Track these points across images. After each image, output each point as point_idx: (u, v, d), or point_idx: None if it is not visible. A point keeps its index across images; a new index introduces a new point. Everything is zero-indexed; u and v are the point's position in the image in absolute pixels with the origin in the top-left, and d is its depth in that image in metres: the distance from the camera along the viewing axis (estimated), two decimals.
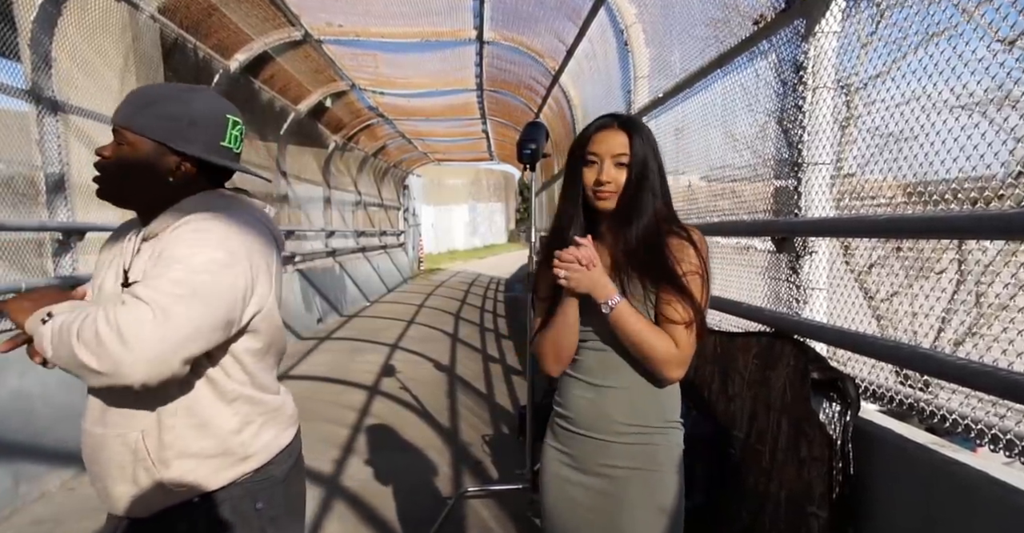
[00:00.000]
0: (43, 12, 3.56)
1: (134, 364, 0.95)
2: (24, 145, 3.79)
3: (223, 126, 1.17)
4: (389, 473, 3.46)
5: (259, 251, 1.14)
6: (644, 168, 1.24)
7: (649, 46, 3.76)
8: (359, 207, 12.98)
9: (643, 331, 1.21)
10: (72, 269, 3.91)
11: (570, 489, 1.32)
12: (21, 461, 3.12)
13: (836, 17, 1.82)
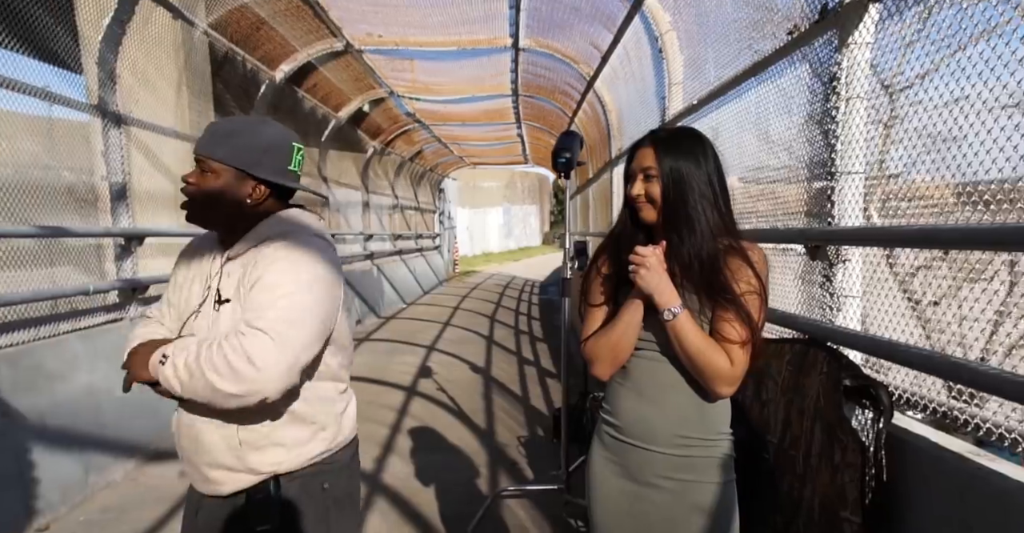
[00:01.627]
0: (110, 32, 3.79)
1: (267, 382, 1.14)
2: (86, 154, 4.03)
3: (289, 152, 1.33)
4: (428, 472, 3.56)
5: (333, 268, 1.30)
6: (678, 179, 1.26)
7: (684, 53, 3.78)
8: (396, 210, 13.23)
9: (702, 344, 1.23)
10: (133, 272, 4.14)
11: (620, 498, 1.35)
12: (90, 452, 3.33)
13: (870, 29, 1.84)
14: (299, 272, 1.22)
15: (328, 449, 1.33)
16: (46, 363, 3.25)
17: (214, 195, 1.28)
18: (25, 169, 3.52)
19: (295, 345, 1.17)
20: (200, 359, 1.15)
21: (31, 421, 3.01)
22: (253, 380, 1.13)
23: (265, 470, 1.27)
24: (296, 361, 1.18)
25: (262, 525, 1.26)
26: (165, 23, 4.46)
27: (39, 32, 3.57)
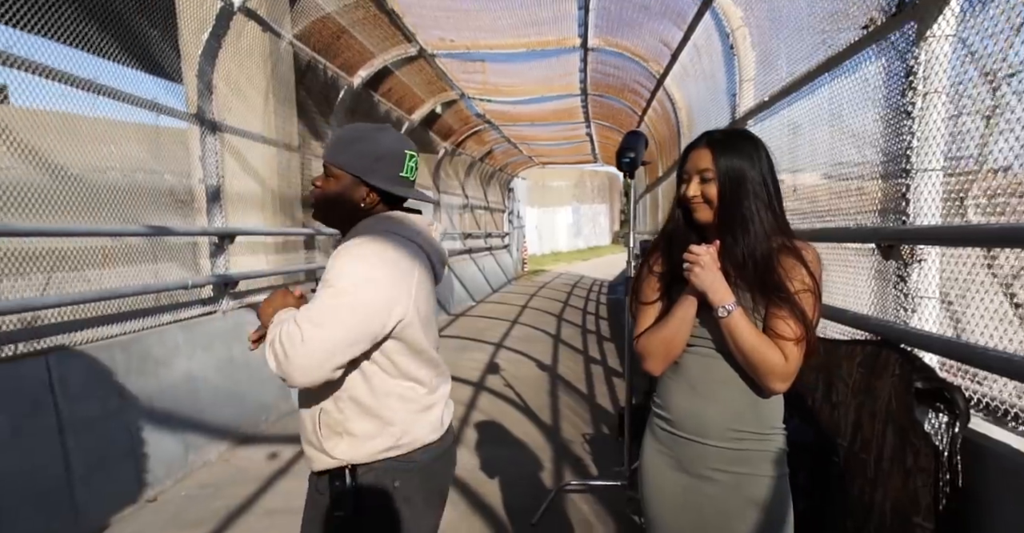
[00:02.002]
0: (208, 46, 4.11)
1: (291, 373, 1.25)
2: (183, 158, 4.39)
3: (402, 160, 1.42)
4: (494, 464, 3.67)
5: (404, 268, 1.34)
6: (735, 180, 1.29)
7: (756, 49, 3.71)
8: (466, 210, 13.50)
9: (756, 341, 1.25)
10: (225, 268, 4.47)
11: (674, 490, 1.38)
12: (190, 433, 3.64)
13: (950, 21, 1.78)
14: (361, 269, 1.28)
15: (397, 446, 1.36)
16: (152, 350, 3.58)
17: (333, 198, 1.40)
18: (131, 173, 3.88)
19: (322, 344, 1.23)
20: (272, 333, 1.30)
21: (141, 402, 3.33)
22: (281, 367, 1.25)
23: (337, 456, 1.35)
24: (325, 358, 1.24)
25: (337, 511, 1.36)
26: (256, 36, 4.79)
27: (147, 47, 3.93)
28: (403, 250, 1.36)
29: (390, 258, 1.32)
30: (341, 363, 1.28)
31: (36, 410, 2.71)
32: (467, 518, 3.03)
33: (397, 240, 1.36)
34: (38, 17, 3.03)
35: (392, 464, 1.37)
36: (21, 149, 2.98)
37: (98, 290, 3.32)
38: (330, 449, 1.36)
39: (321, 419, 1.37)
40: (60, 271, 3.21)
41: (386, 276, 1.31)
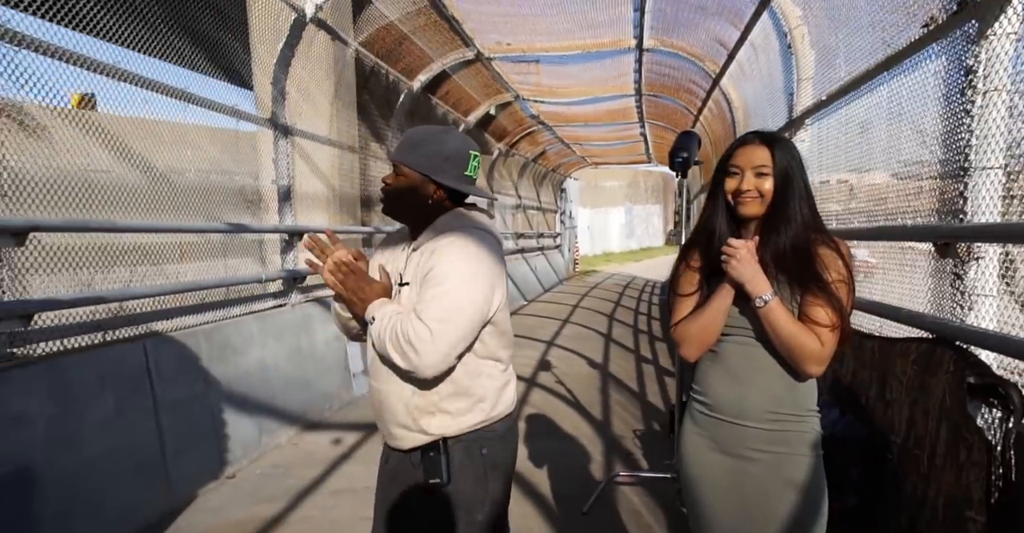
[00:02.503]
0: (282, 55, 4.39)
1: (424, 367, 1.39)
2: (252, 159, 4.68)
3: (467, 160, 1.55)
4: (545, 456, 3.78)
5: (496, 262, 1.50)
6: (787, 178, 1.37)
7: (814, 48, 3.69)
8: (519, 210, 13.65)
9: (793, 328, 1.33)
10: (294, 264, 4.74)
11: (712, 469, 1.47)
12: (263, 418, 3.91)
13: (1012, 19, 1.79)
14: (464, 266, 1.43)
15: (486, 419, 1.52)
16: (231, 339, 3.86)
17: (402, 194, 1.54)
18: (205, 174, 4.18)
19: (449, 338, 1.38)
20: (387, 330, 1.42)
21: (222, 387, 3.60)
22: (413, 363, 1.38)
23: (433, 432, 1.50)
24: (451, 350, 1.39)
25: (433, 479, 1.50)
26: (324, 44, 5.06)
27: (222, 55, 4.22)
28: (489, 243, 1.51)
29: (484, 252, 1.47)
30: (463, 350, 1.43)
31: (136, 391, 2.99)
32: (519, 503, 3.15)
33: (482, 235, 1.50)
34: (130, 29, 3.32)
35: (479, 434, 1.52)
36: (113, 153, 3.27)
37: (186, 282, 3.61)
38: (425, 427, 1.49)
39: (414, 402, 1.49)
40: (142, 265, 3.50)
41: (485, 269, 1.46)
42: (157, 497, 2.97)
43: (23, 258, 2.56)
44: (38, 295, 2.63)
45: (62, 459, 2.52)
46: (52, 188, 2.76)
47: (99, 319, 3.02)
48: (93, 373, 2.77)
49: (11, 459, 2.31)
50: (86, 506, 2.58)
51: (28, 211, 2.62)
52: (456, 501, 1.51)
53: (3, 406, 2.32)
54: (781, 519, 1.38)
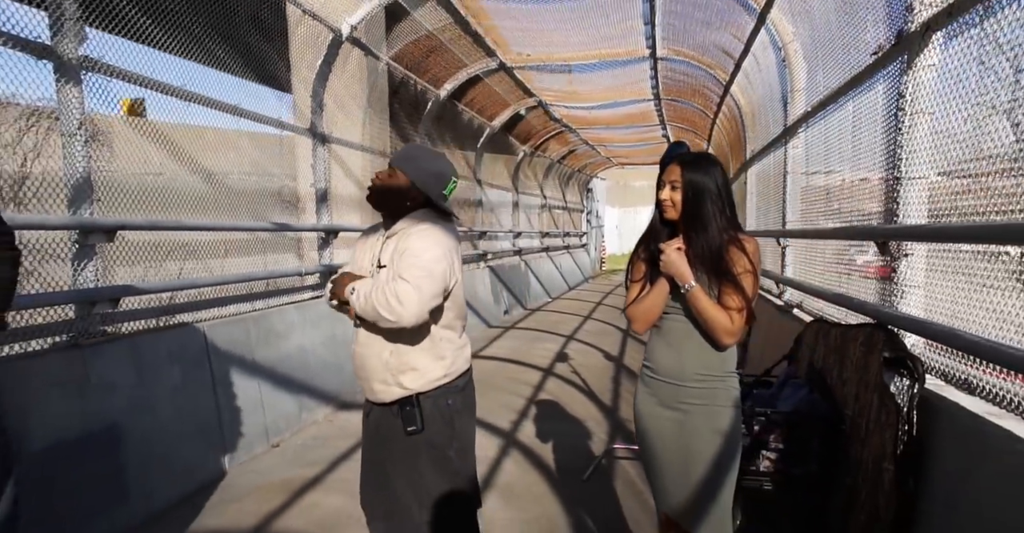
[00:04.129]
0: (320, 71, 4.87)
1: (409, 316, 1.78)
2: (289, 163, 5.16)
3: (447, 182, 1.97)
4: (554, 435, 4.17)
5: (455, 249, 1.92)
6: (697, 192, 1.73)
7: (806, 61, 4.00)
8: (544, 210, 14.03)
9: (709, 308, 1.71)
10: (330, 259, 5.23)
11: (655, 420, 1.84)
12: (302, 396, 4.39)
13: (931, 53, 2.11)
14: (435, 244, 1.85)
15: (448, 374, 1.92)
16: (275, 325, 4.34)
17: (391, 191, 1.95)
18: (246, 176, 4.66)
19: (426, 293, 1.77)
20: (372, 294, 1.81)
21: (267, 367, 4.08)
22: (399, 313, 1.76)
23: (408, 386, 1.89)
24: (426, 303, 1.78)
25: (410, 426, 1.90)
26: (358, 59, 5.53)
27: (263, 63, 4.67)
28: (452, 235, 1.94)
29: (448, 239, 1.90)
30: (433, 307, 1.84)
31: (197, 366, 3.48)
32: (527, 473, 3.55)
33: (447, 226, 1.95)
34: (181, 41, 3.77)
35: (444, 389, 1.94)
36: (165, 156, 3.74)
37: (239, 274, 4.11)
38: (402, 381, 1.90)
39: (391, 362, 1.89)
40: (189, 261, 3.97)
41: (448, 251, 1.88)
42: (215, 458, 3.46)
43: (110, 252, 3.07)
44: (119, 283, 3.13)
45: (141, 420, 3.01)
46: (120, 191, 3.23)
47: (166, 305, 3.52)
48: (164, 350, 3.27)
49: (103, 418, 2.81)
50: (160, 461, 3.07)
51: (111, 213, 3.12)
52: (430, 442, 1.92)
53: (97, 375, 2.81)
54: (707, 458, 1.75)
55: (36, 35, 2.56)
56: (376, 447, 2.02)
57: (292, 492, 3.27)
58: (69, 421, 2.64)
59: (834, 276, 3.44)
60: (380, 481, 2.02)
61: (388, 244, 1.95)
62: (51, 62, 2.63)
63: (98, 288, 2.89)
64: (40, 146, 3.39)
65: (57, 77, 2.66)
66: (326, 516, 3.01)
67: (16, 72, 2.56)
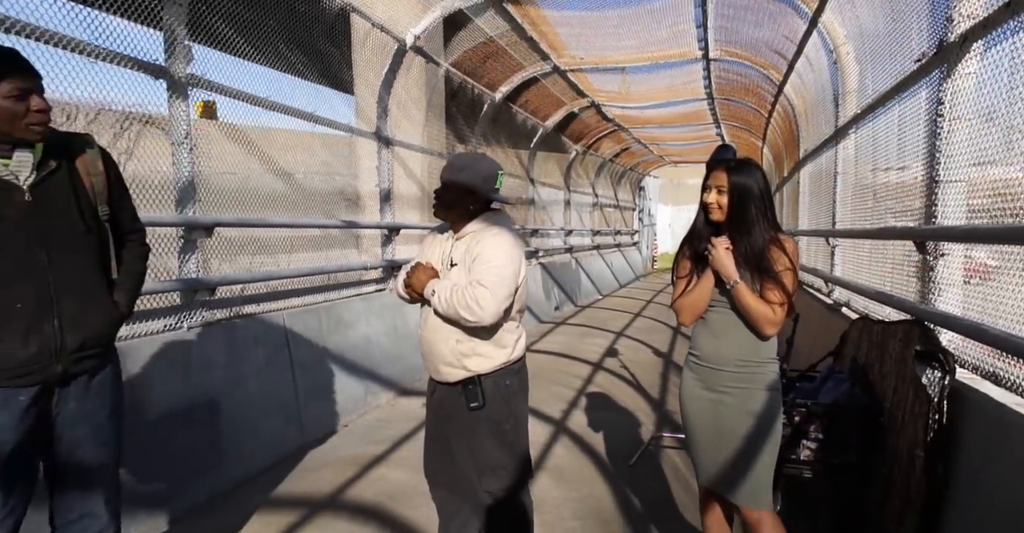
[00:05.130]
0: (386, 79, 5.21)
1: (487, 317, 2.01)
2: (351, 163, 5.51)
3: (496, 178, 2.20)
4: (602, 423, 4.37)
5: (520, 249, 2.14)
6: (741, 196, 1.91)
7: (859, 63, 4.06)
8: (595, 208, 14.15)
9: (754, 303, 1.89)
10: (392, 255, 5.57)
11: (696, 401, 2.04)
12: (367, 382, 4.73)
13: (970, 62, 2.22)
14: (506, 248, 2.08)
15: (507, 360, 2.15)
16: (343, 315, 4.70)
17: (452, 203, 2.18)
18: (312, 175, 5.02)
19: (501, 297, 2.00)
20: (452, 297, 2.05)
21: (337, 353, 4.44)
22: (480, 315, 2.00)
23: (472, 369, 2.13)
24: (502, 305, 2.03)
25: (473, 403, 2.14)
26: (419, 67, 5.85)
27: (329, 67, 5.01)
28: (516, 235, 2.17)
29: (515, 241, 2.13)
30: (507, 307, 2.07)
31: (278, 350, 3.86)
32: (577, 458, 3.77)
33: (512, 230, 2.17)
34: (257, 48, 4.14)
35: (503, 372, 2.17)
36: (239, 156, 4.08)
37: (313, 266, 4.50)
38: (467, 365, 2.14)
39: (458, 348, 2.13)
40: (259, 255, 4.33)
41: (517, 253, 2.11)
42: (293, 433, 3.83)
43: (208, 246, 3.45)
44: (214, 276, 3.52)
45: (234, 395, 3.39)
46: (207, 191, 3.59)
47: (251, 294, 3.91)
48: (251, 334, 3.65)
49: (205, 392, 3.19)
50: (250, 432, 3.45)
51: (205, 210, 3.51)
52: (489, 418, 2.16)
53: (200, 354, 3.20)
54: (740, 435, 1.94)
55: (155, 58, 2.94)
56: (440, 422, 2.28)
57: (361, 466, 3.60)
58: (177, 394, 3.02)
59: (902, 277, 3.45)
60: (443, 453, 2.29)
61: (458, 245, 2.19)
62: (165, 81, 3.02)
63: (199, 278, 3.28)
64: (132, 148, 3.81)
65: (169, 94, 3.05)
66: (392, 488, 3.31)
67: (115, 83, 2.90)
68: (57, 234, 1.69)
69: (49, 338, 1.67)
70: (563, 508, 3.10)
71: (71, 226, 1.72)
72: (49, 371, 1.68)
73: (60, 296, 1.68)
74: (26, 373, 1.65)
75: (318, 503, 3.12)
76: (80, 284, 1.74)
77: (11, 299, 1.62)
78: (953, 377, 2.06)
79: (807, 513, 2.96)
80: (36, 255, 1.64)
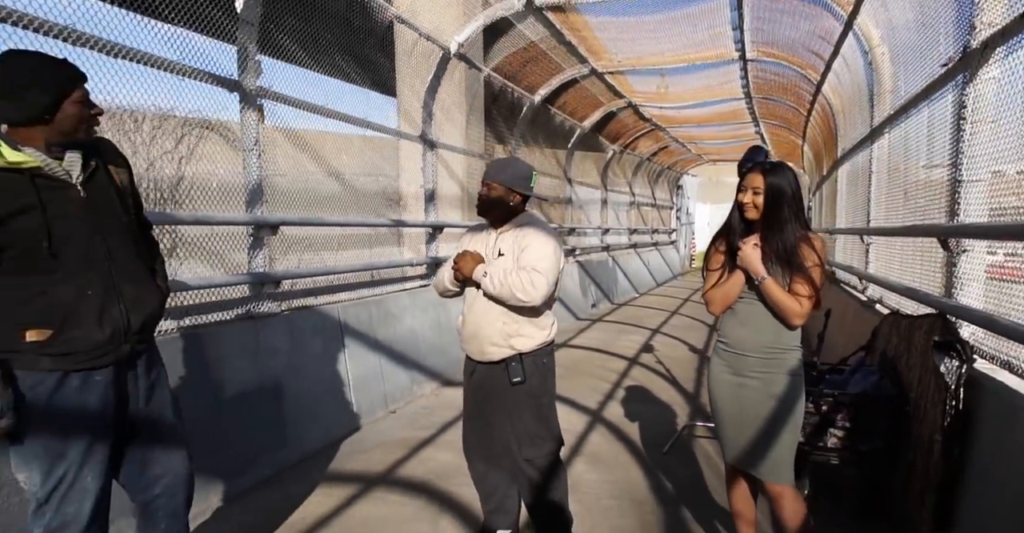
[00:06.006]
0: (431, 85, 5.48)
1: (538, 298, 2.26)
2: (394, 164, 5.78)
3: (531, 178, 2.44)
4: (637, 414, 4.55)
5: (558, 240, 2.36)
6: (776, 197, 2.07)
7: (894, 64, 4.13)
8: (632, 207, 14.22)
9: (782, 296, 2.05)
10: (436, 252, 5.84)
11: (723, 385, 2.21)
12: (414, 371, 5.01)
13: (992, 67, 2.33)
14: (552, 244, 2.33)
15: (544, 341, 2.42)
16: (391, 309, 4.99)
17: (495, 201, 2.42)
18: (358, 176, 5.30)
19: (551, 280, 2.28)
20: (507, 278, 2.28)
21: (386, 344, 4.73)
22: (533, 295, 2.25)
23: (517, 348, 2.37)
24: (550, 288, 2.29)
25: (515, 378, 2.37)
26: (462, 72, 6.11)
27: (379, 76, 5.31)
28: (551, 230, 2.41)
29: (554, 235, 2.37)
30: (554, 290, 2.32)
31: (333, 340, 4.15)
32: (612, 445, 3.96)
33: (549, 226, 2.42)
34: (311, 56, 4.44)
35: (541, 351, 2.41)
36: (296, 161, 4.37)
37: (365, 262, 4.80)
38: (513, 344, 2.37)
39: (504, 329, 2.37)
40: (307, 252, 4.62)
41: (558, 245, 2.36)
42: (347, 417, 4.12)
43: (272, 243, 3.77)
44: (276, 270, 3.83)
45: (294, 381, 3.69)
46: (272, 192, 3.91)
47: (308, 288, 4.22)
48: (309, 324, 3.95)
49: (270, 376, 3.50)
50: (309, 414, 3.75)
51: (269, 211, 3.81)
52: (529, 392, 2.39)
53: (266, 341, 3.51)
54: (763, 415, 2.11)
55: (229, 73, 3.26)
56: (479, 401, 2.52)
57: (410, 448, 3.86)
58: (247, 377, 3.34)
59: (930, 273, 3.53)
60: (481, 430, 2.54)
61: (504, 237, 2.43)
62: (238, 93, 3.33)
63: (266, 272, 3.59)
64: (192, 151, 4.14)
65: (241, 106, 3.36)
66: (439, 467, 3.56)
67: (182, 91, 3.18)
68: (109, 226, 1.81)
69: (117, 320, 1.79)
70: (599, 489, 3.30)
71: (118, 218, 1.85)
72: (120, 351, 1.81)
73: (120, 282, 1.80)
74: (103, 354, 1.77)
75: (372, 479, 3.40)
76: (133, 270, 1.87)
77: (83, 287, 1.73)
78: (971, 366, 2.18)
79: (834, 498, 3.09)
80: (97, 246, 1.76)
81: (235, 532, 2.82)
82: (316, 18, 4.07)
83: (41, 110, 1.65)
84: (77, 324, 1.72)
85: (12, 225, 1.63)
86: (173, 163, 3.79)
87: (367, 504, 3.11)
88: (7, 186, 1.62)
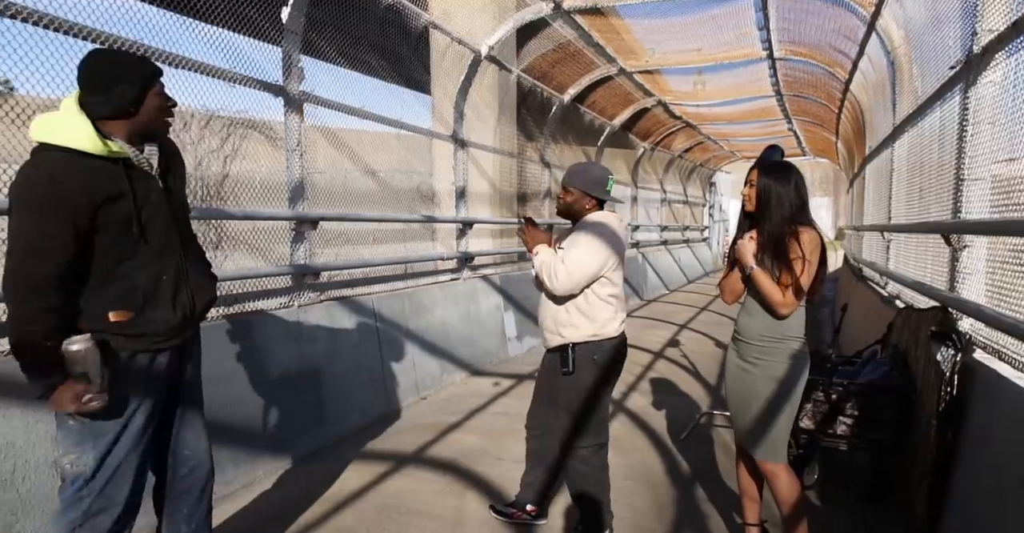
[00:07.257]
0: (462, 87, 5.71)
1: (559, 288, 2.44)
2: (427, 161, 6.02)
3: (606, 181, 2.59)
4: (659, 404, 4.70)
5: (610, 243, 2.49)
6: (765, 192, 2.21)
7: (913, 64, 4.19)
8: (663, 204, 14.25)
9: (766, 286, 2.20)
10: (466, 247, 6.08)
11: (734, 368, 2.38)
12: (444, 361, 5.26)
13: (994, 71, 2.43)
14: (590, 244, 2.46)
15: (597, 335, 2.52)
16: (423, 301, 5.24)
17: (570, 203, 2.62)
18: (393, 174, 5.56)
19: (575, 276, 2.42)
20: (543, 264, 2.48)
21: (417, 334, 4.98)
22: (553, 285, 2.44)
23: (567, 336, 2.53)
24: (573, 285, 2.44)
25: (564, 368, 2.55)
26: (492, 74, 6.32)
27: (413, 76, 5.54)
28: (607, 232, 2.52)
29: (602, 236, 2.50)
30: (583, 285, 2.47)
31: (368, 329, 4.42)
32: (631, 431, 4.13)
33: (604, 229, 2.53)
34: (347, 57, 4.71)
35: (593, 344, 2.54)
36: (335, 159, 4.63)
37: (400, 256, 5.09)
38: (562, 332, 2.55)
39: (559, 317, 2.55)
40: (344, 247, 4.87)
41: (602, 245, 2.48)
42: (380, 402, 4.39)
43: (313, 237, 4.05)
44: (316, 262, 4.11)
45: (333, 367, 3.97)
46: (311, 189, 4.19)
47: (345, 280, 4.50)
48: (346, 313, 4.23)
49: (311, 362, 3.78)
50: (346, 399, 4.02)
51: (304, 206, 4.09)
52: (576, 382, 2.56)
53: (307, 328, 3.79)
54: (764, 397, 2.27)
55: (275, 79, 3.54)
56: (540, 387, 2.77)
57: (439, 431, 4.11)
58: (290, 361, 3.62)
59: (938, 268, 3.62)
60: (542, 401, 2.77)
61: (569, 236, 2.62)
62: (282, 97, 3.61)
63: (307, 264, 3.87)
64: (236, 150, 4.42)
65: (286, 109, 3.64)
66: (467, 449, 3.79)
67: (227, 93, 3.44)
68: (179, 215, 1.93)
69: (186, 305, 1.88)
70: (616, 471, 3.46)
71: (184, 208, 1.97)
72: (184, 334, 1.91)
73: (188, 268, 1.91)
74: (173, 336, 1.86)
75: (403, 458, 3.65)
76: (197, 258, 1.99)
77: (159, 272, 1.83)
78: (966, 355, 2.30)
79: (842, 483, 3.21)
80: (172, 233, 1.87)
81: (278, 503, 3.10)
82: (355, 23, 4.33)
83: (128, 103, 1.75)
84: (155, 307, 1.82)
85: (112, 208, 1.72)
86: (219, 161, 4.03)
87: (399, 480, 3.36)
88: (107, 171, 1.72)
